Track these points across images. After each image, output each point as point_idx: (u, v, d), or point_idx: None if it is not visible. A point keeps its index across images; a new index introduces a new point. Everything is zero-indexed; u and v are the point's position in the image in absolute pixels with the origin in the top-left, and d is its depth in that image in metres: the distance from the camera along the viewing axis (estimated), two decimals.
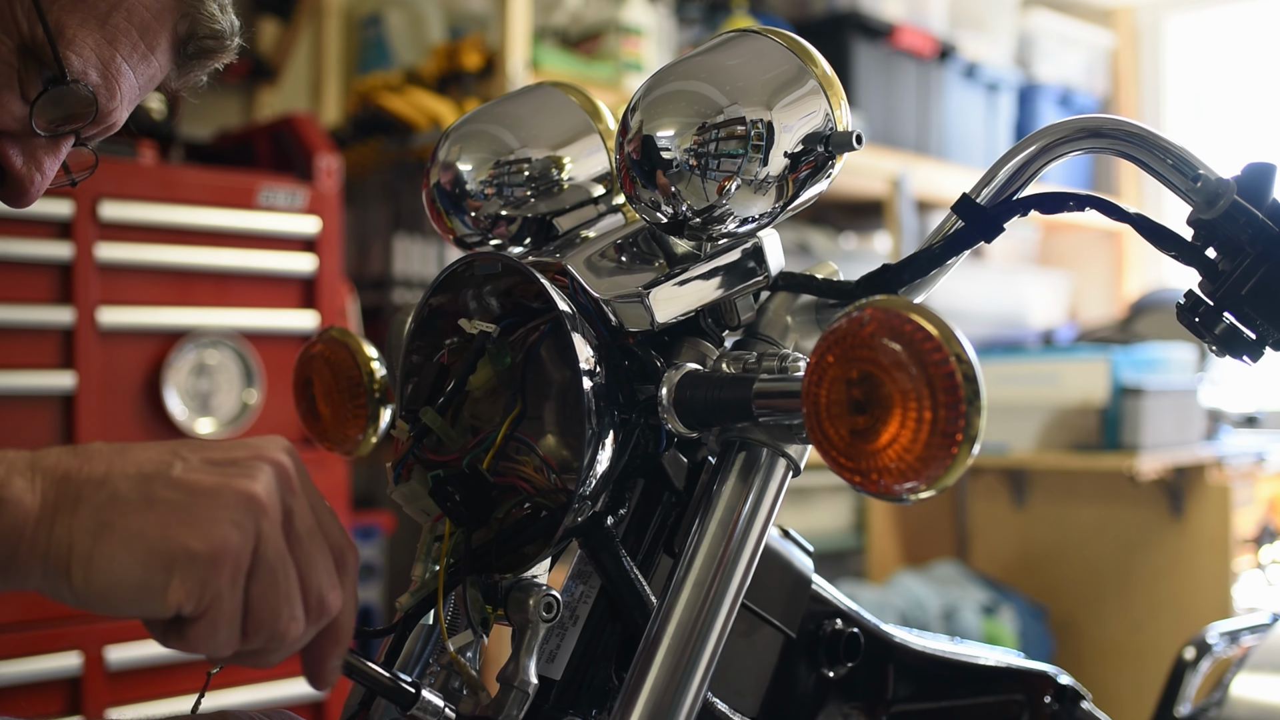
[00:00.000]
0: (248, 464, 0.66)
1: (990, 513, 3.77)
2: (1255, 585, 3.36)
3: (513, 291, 0.89)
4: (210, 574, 0.62)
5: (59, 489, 0.64)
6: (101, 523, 0.63)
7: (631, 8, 3.05)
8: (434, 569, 0.87)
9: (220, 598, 0.63)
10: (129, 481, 0.64)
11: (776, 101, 0.81)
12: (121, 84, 0.88)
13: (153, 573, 0.62)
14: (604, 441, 0.80)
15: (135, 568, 0.62)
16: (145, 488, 0.64)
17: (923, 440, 0.64)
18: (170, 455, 0.66)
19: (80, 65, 0.85)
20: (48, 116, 0.86)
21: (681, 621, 0.79)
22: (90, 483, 0.64)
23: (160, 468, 0.65)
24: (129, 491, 0.63)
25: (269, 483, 0.65)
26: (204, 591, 0.62)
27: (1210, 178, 0.82)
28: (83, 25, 0.85)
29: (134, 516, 0.63)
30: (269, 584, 0.64)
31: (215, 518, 0.63)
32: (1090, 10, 4.75)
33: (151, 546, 0.62)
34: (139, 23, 0.87)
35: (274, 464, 0.66)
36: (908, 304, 0.66)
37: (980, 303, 4.06)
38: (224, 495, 0.64)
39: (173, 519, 0.63)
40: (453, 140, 0.96)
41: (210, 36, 0.93)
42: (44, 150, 0.89)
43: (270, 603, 0.64)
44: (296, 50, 3.28)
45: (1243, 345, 0.83)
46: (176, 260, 2.23)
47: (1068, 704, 1.19)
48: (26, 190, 0.89)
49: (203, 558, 0.62)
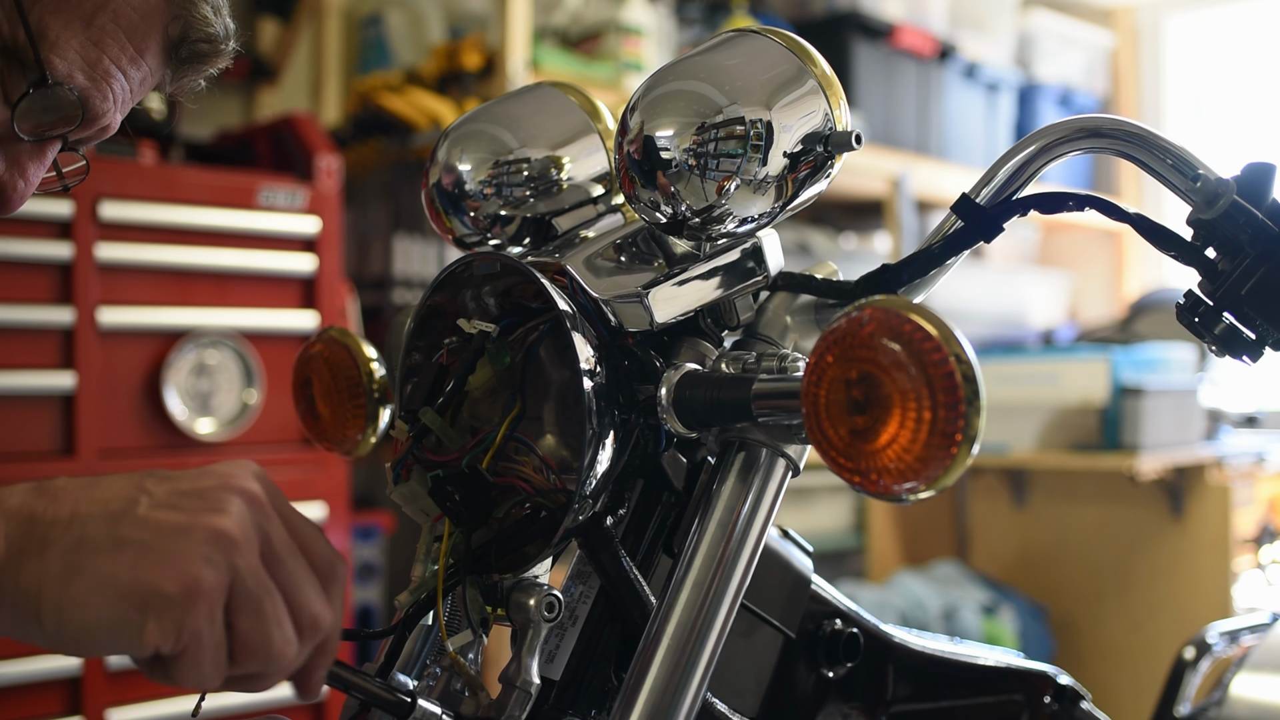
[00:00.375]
0: (215, 496, 0.64)
1: (990, 513, 3.77)
2: (1255, 585, 3.36)
3: (512, 291, 0.89)
4: (185, 614, 0.61)
5: (24, 530, 0.62)
6: (70, 566, 0.61)
7: (631, 8, 3.05)
8: (434, 569, 0.87)
9: (199, 635, 0.61)
10: (96, 522, 0.62)
11: (776, 101, 0.81)
12: (112, 86, 0.86)
13: (126, 615, 0.61)
14: (604, 441, 0.80)
15: (107, 611, 0.61)
16: (113, 529, 0.62)
17: (922, 440, 0.64)
18: (136, 490, 0.64)
19: (65, 68, 0.83)
20: (31, 121, 0.83)
21: (681, 621, 0.78)
22: (56, 524, 0.62)
23: (127, 505, 0.63)
24: (96, 533, 0.62)
25: (240, 514, 0.64)
26: (181, 631, 0.61)
27: (1210, 178, 0.82)
28: (67, 27, 0.82)
29: (104, 559, 0.61)
30: (255, 614, 0.63)
31: (186, 555, 0.61)
32: (1090, 10, 4.75)
33: (123, 589, 0.61)
34: (126, 24, 0.85)
35: (242, 493, 0.65)
36: (907, 304, 0.66)
37: (980, 303, 4.06)
38: (193, 532, 0.62)
39: (142, 560, 0.61)
40: (452, 140, 0.96)
41: (204, 40, 0.90)
42: (28, 156, 0.86)
43: (260, 632, 0.63)
44: (296, 50, 3.28)
45: (1242, 345, 0.83)
46: (176, 260, 2.23)
47: (1067, 704, 1.19)
48: (9, 197, 0.87)
49: (175, 599, 0.61)
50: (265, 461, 2.32)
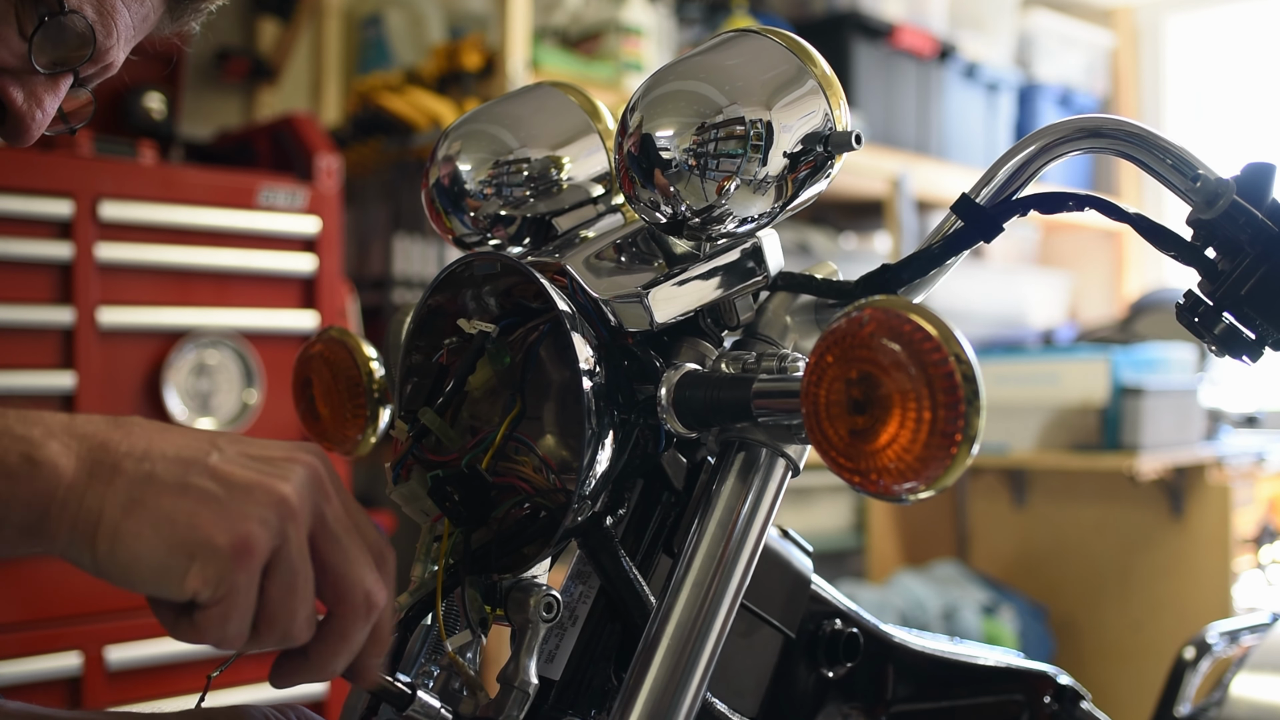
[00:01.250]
0: (283, 464, 0.66)
1: (990, 513, 3.77)
2: (1255, 585, 3.36)
3: (512, 291, 0.89)
4: (229, 567, 0.62)
5: (96, 456, 0.64)
6: (134, 499, 0.63)
7: (631, 8, 3.05)
8: (433, 569, 0.87)
9: (236, 590, 0.63)
10: (167, 462, 0.64)
11: (776, 101, 0.81)
12: (117, 20, 0.87)
13: (174, 557, 0.62)
14: (604, 441, 0.80)
15: (159, 549, 0.62)
16: (182, 472, 0.64)
17: (922, 440, 0.64)
18: (208, 445, 0.66)
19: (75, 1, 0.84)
20: (46, 53, 0.85)
21: (681, 622, 0.78)
22: (130, 456, 0.64)
23: (198, 454, 0.65)
24: (165, 472, 0.64)
25: (301, 486, 0.66)
26: (220, 583, 0.62)
27: (1210, 178, 0.82)
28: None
29: (166, 499, 0.63)
30: (287, 584, 0.65)
31: (244, 513, 0.63)
32: (1090, 10, 4.75)
33: (178, 531, 0.63)
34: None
35: (308, 467, 0.67)
36: (907, 304, 0.66)
37: (980, 303, 4.06)
38: (256, 492, 0.64)
39: (203, 508, 0.63)
40: (452, 140, 0.96)
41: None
42: (43, 88, 0.88)
43: (286, 603, 0.65)
44: (296, 50, 3.28)
45: (1242, 345, 0.83)
46: (176, 260, 2.24)
47: (1067, 704, 1.19)
48: (28, 127, 0.89)
49: (224, 551, 0.62)
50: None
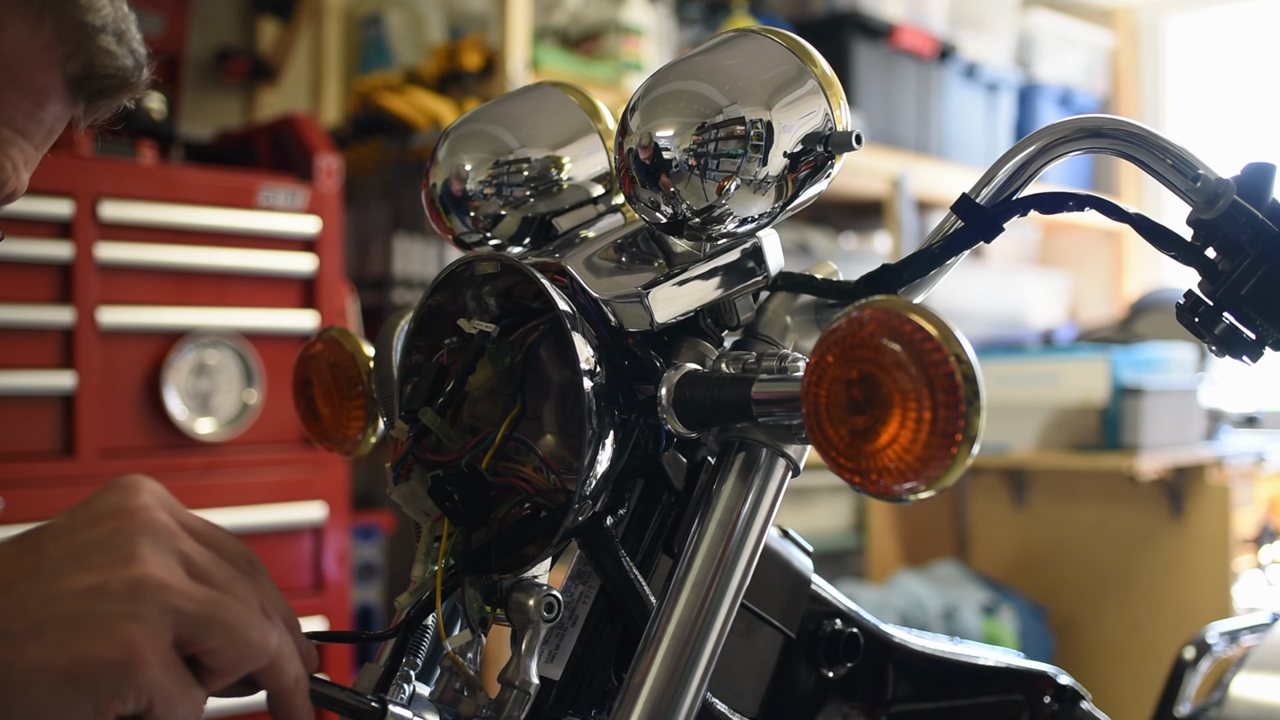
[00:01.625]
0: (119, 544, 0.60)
1: (990, 513, 3.77)
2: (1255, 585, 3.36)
3: (512, 291, 0.89)
4: (135, 675, 0.58)
5: None
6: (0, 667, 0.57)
7: (631, 8, 3.05)
8: (434, 569, 0.87)
9: (158, 686, 0.58)
10: (8, 611, 0.58)
11: (776, 101, 0.81)
12: (11, 154, 0.77)
13: (75, 698, 0.57)
14: (604, 441, 0.80)
15: (53, 700, 0.57)
16: (27, 613, 0.58)
17: (922, 440, 0.64)
18: (34, 559, 0.60)
19: None
20: None
21: (681, 621, 0.78)
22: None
23: (31, 577, 0.59)
24: (14, 623, 0.58)
25: (152, 554, 0.60)
26: (140, 691, 0.58)
27: (1210, 178, 0.82)
28: None
29: (30, 648, 0.57)
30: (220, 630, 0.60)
31: (114, 616, 0.58)
32: (1090, 10, 4.75)
33: (61, 674, 0.57)
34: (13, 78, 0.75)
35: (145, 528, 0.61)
36: (907, 304, 0.66)
37: (980, 303, 4.06)
38: (112, 591, 0.58)
39: (71, 637, 0.57)
40: (452, 140, 0.96)
41: (109, 75, 0.79)
42: None
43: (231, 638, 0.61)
44: (296, 50, 3.28)
45: (1242, 345, 0.83)
46: (176, 260, 2.24)
47: (1067, 704, 1.19)
48: None
49: (120, 664, 0.57)
50: (265, 462, 2.32)
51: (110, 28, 0.79)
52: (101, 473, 2.12)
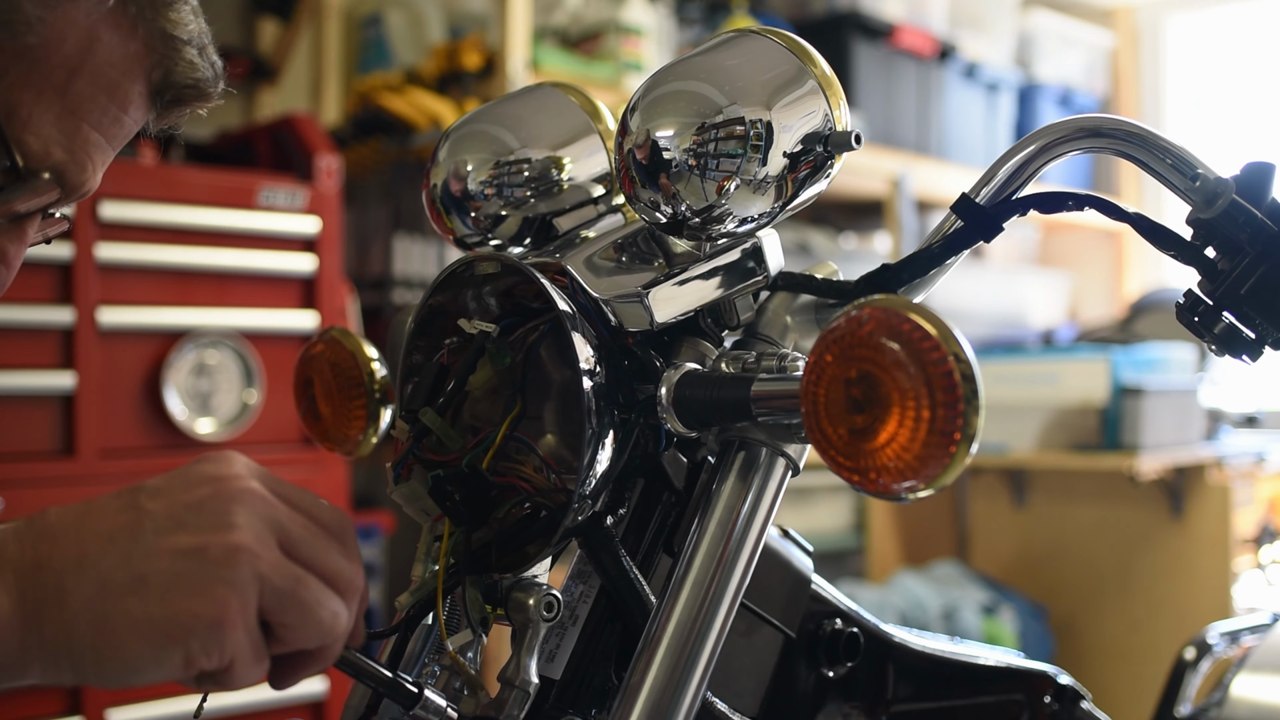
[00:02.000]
0: (220, 509, 0.63)
1: (990, 513, 3.77)
2: (1255, 585, 3.36)
3: (512, 292, 0.89)
4: (224, 635, 0.61)
5: (35, 582, 0.61)
6: (98, 614, 0.61)
7: (631, 8, 3.05)
8: (434, 569, 0.87)
9: (240, 648, 0.62)
10: (110, 560, 0.61)
11: (776, 101, 0.81)
12: (92, 155, 0.80)
13: (167, 650, 0.61)
14: (604, 441, 0.81)
15: (147, 650, 0.61)
16: (129, 565, 0.61)
17: (921, 439, 0.64)
18: (134, 513, 0.63)
19: (40, 146, 0.76)
20: (6, 205, 0.78)
21: (681, 621, 0.79)
22: (68, 570, 0.61)
23: (133, 533, 0.62)
24: (114, 572, 0.61)
25: (249, 523, 0.64)
26: (224, 651, 0.62)
27: (1209, 177, 0.82)
28: (39, 100, 0.75)
29: (131, 600, 0.61)
30: (295, 607, 0.64)
31: (211, 579, 0.62)
32: (1090, 10, 4.75)
33: (159, 626, 0.61)
34: (105, 84, 0.78)
35: (242, 497, 0.65)
36: (906, 303, 0.66)
37: (980, 303, 4.06)
38: (211, 553, 0.62)
39: (170, 593, 0.61)
40: (453, 140, 0.96)
41: (189, 85, 0.84)
42: (6, 238, 0.82)
43: (310, 617, 0.64)
44: (296, 50, 3.28)
45: (1242, 345, 0.83)
46: (176, 260, 2.24)
47: (1068, 704, 1.19)
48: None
49: (212, 623, 0.61)
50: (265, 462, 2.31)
51: (194, 42, 0.83)
52: (101, 473, 2.12)
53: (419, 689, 0.81)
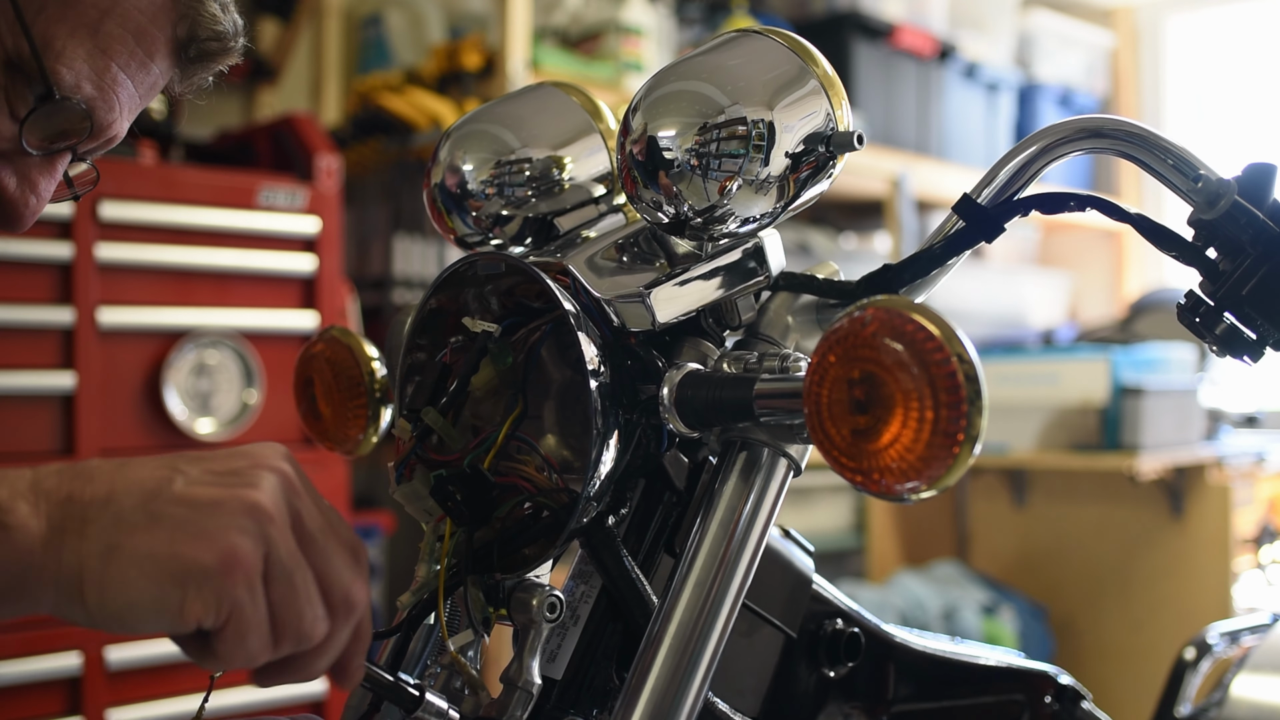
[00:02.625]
0: (248, 473, 0.65)
1: (990, 513, 3.77)
2: (1255, 585, 3.36)
3: (514, 291, 0.89)
4: (224, 584, 0.62)
5: (64, 511, 0.63)
6: (110, 545, 0.62)
7: (631, 8, 3.05)
8: (436, 569, 0.87)
9: (240, 606, 0.62)
10: (132, 500, 0.63)
11: (778, 101, 0.81)
12: (119, 94, 0.84)
13: (167, 590, 0.62)
14: (609, 441, 0.81)
15: (148, 587, 0.62)
16: (149, 505, 0.63)
17: (924, 440, 0.64)
18: (170, 470, 0.65)
19: (72, 79, 0.80)
20: (39, 134, 0.81)
21: (682, 621, 0.79)
22: (94, 504, 0.63)
23: (161, 484, 0.64)
24: (133, 511, 0.63)
25: (272, 489, 0.65)
26: (221, 602, 0.62)
27: (1211, 178, 0.82)
28: (73, 35, 0.80)
29: (141, 536, 0.62)
30: (287, 587, 0.64)
31: (222, 528, 0.63)
32: (1090, 10, 4.75)
33: (161, 565, 0.62)
34: (134, 28, 0.83)
35: (275, 471, 0.66)
36: (909, 304, 0.66)
37: (980, 303, 4.06)
38: (228, 505, 0.63)
39: (179, 535, 0.62)
40: (454, 140, 0.96)
41: (213, 38, 0.88)
42: (38, 170, 0.85)
43: (292, 606, 0.64)
44: (296, 50, 3.28)
45: (1243, 345, 0.83)
46: (176, 260, 2.23)
47: (1068, 704, 1.19)
48: (20, 214, 0.85)
49: (214, 570, 0.62)
50: None
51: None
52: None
53: (420, 691, 0.81)
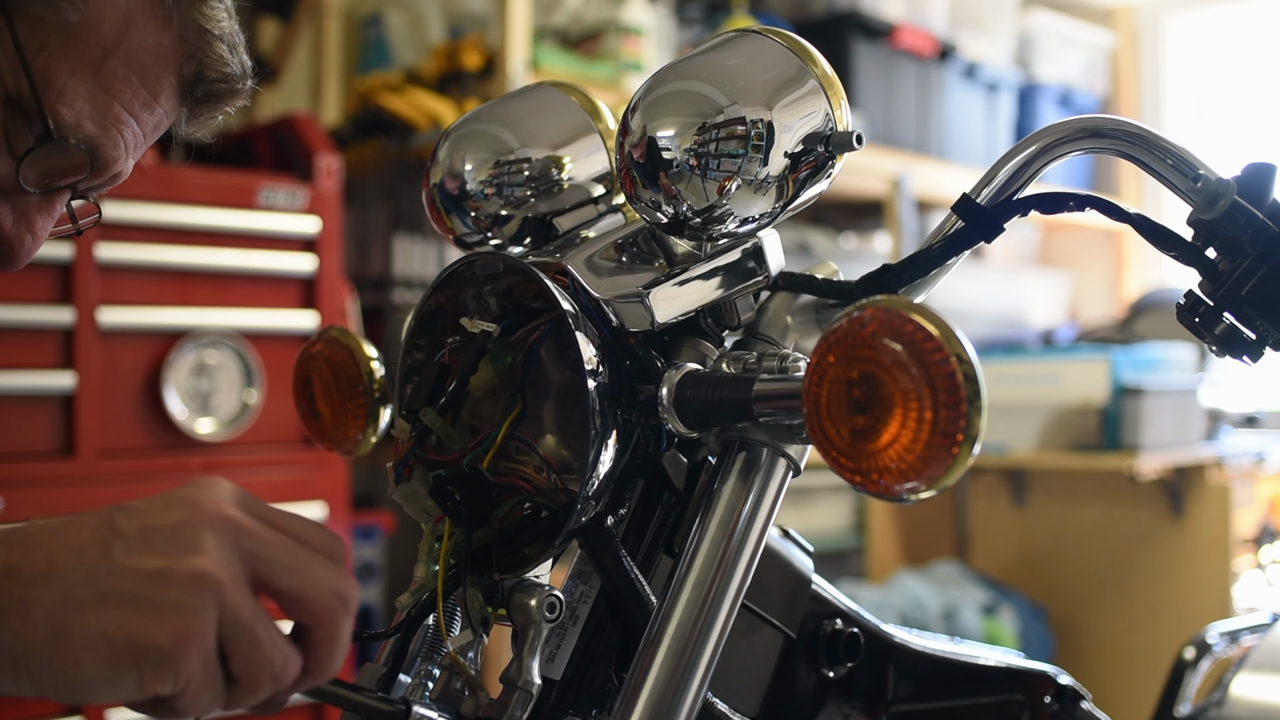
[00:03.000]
0: (188, 535, 0.63)
1: (990, 513, 3.77)
2: (1255, 585, 3.36)
3: (513, 291, 0.89)
4: (178, 661, 0.60)
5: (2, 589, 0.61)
6: (57, 626, 0.60)
7: (631, 8, 3.05)
8: (435, 569, 0.87)
9: (193, 677, 0.61)
10: (74, 575, 0.61)
11: (777, 101, 0.81)
12: (124, 133, 0.82)
13: (120, 670, 0.60)
14: (607, 442, 0.80)
15: (101, 668, 0.60)
16: (92, 581, 0.61)
17: (923, 440, 0.64)
18: (108, 533, 0.63)
19: (72, 118, 0.79)
20: (38, 173, 0.80)
21: (682, 621, 0.79)
22: (35, 581, 0.61)
23: (101, 551, 0.62)
24: (78, 589, 0.61)
25: (216, 550, 0.63)
26: (176, 676, 0.61)
27: (1210, 178, 0.82)
28: (74, 74, 0.79)
29: (90, 616, 0.60)
30: (249, 645, 0.63)
31: (172, 603, 0.61)
32: (1090, 10, 4.75)
33: (115, 646, 0.60)
34: (138, 68, 0.82)
35: (214, 523, 0.64)
36: (908, 304, 0.66)
37: (980, 303, 4.06)
38: (174, 576, 0.61)
39: (129, 614, 0.60)
40: (453, 140, 0.96)
41: (220, 80, 0.87)
42: (36, 208, 0.83)
43: (255, 663, 0.63)
44: (296, 50, 3.28)
45: (1243, 345, 0.83)
46: (176, 260, 2.23)
47: (1068, 704, 1.19)
48: (16, 253, 0.83)
49: (168, 648, 0.60)
50: (265, 462, 2.32)
51: (226, 39, 0.87)
52: (101, 473, 2.12)
53: (406, 705, 0.80)
